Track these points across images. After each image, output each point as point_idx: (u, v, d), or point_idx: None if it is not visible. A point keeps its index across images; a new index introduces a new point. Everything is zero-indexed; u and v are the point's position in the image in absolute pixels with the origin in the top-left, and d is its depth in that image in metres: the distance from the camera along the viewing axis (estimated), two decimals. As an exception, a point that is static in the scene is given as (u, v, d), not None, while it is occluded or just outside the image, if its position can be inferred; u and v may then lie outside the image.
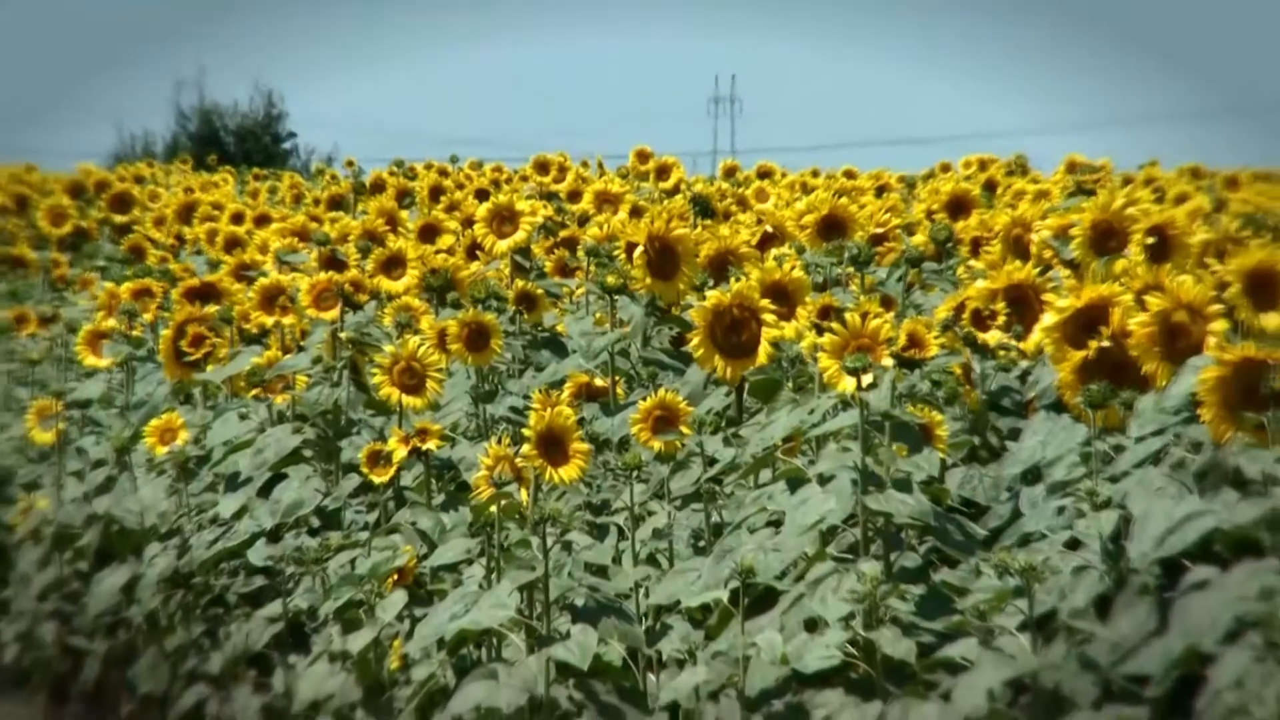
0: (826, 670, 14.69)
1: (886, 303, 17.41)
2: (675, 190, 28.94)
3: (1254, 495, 14.24)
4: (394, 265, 21.99)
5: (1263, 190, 31.49)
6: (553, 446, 15.79)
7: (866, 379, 15.15)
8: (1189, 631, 13.90)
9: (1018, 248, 18.19)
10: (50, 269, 28.52)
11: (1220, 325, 15.44)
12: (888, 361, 15.34)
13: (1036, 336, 16.00)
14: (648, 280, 19.35)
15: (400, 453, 17.99)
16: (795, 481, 15.68)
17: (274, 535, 19.02)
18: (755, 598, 15.19)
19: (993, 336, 16.48)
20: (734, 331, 16.69)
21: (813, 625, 14.66)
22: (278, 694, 18.06)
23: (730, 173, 33.52)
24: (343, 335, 20.20)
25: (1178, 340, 14.98)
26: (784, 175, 32.97)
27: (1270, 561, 13.90)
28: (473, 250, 23.24)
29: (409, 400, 18.37)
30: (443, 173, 32.50)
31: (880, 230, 22.61)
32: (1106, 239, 17.29)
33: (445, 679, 15.92)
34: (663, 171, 30.91)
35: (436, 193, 29.82)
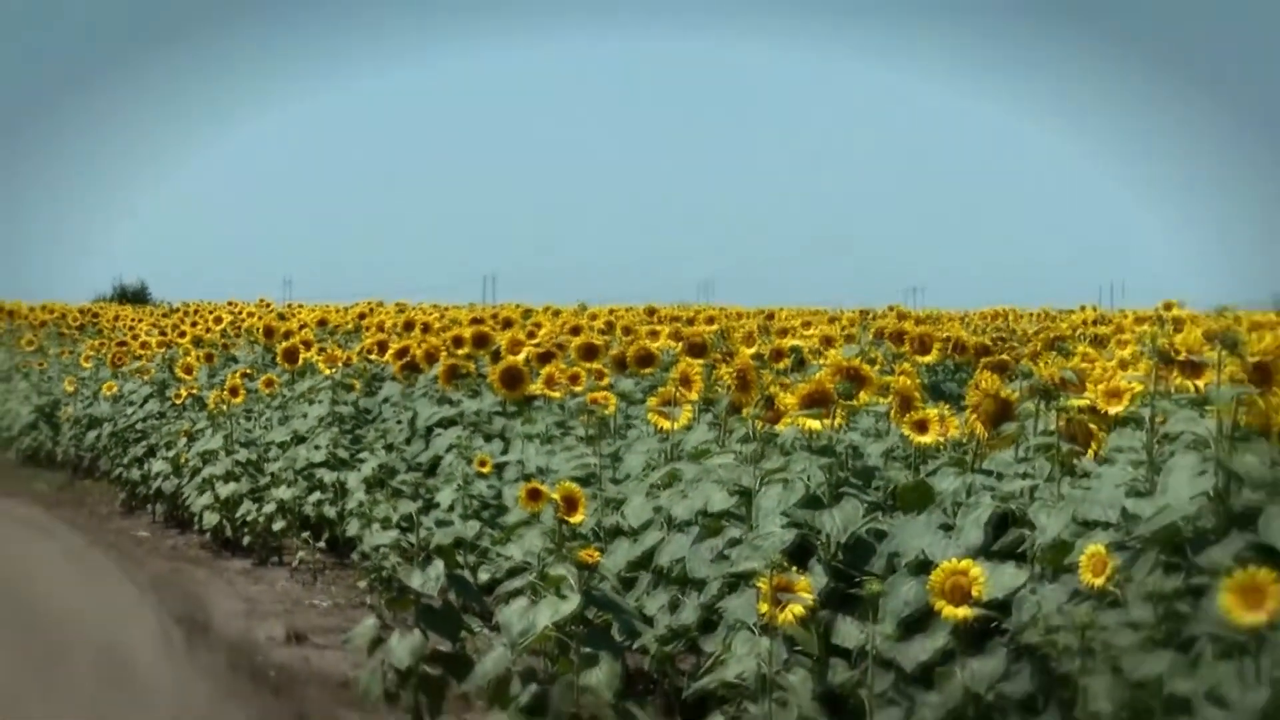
0: (318, 462, 14.06)
1: (341, 348, 16.88)
2: (268, 310, 28.24)
3: (458, 403, 13.58)
4: (182, 334, 21.34)
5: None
6: (233, 393, 15.28)
7: (335, 368, 14.86)
8: (436, 450, 12.93)
9: (408, 329, 17.85)
10: (76, 339, 27.46)
11: (445, 354, 14.55)
12: (338, 366, 14.99)
13: (388, 356, 15.48)
14: (265, 340, 18.94)
15: (184, 395, 17.33)
16: (310, 402, 15.16)
17: (145, 420, 18.34)
18: (298, 439, 14.68)
19: (375, 355, 15.85)
20: (291, 356, 16.12)
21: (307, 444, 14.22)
22: (146, 469, 17.32)
23: (279, 312, 31.90)
24: (166, 357, 19.60)
25: (433, 359, 14.39)
26: (305, 308, 31.22)
27: (465, 429, 12.91)
28: (208, 329, 22.53)
29: (187, 378, 17.71)
30: (196, 308, 31.03)
31: (338, 324, 22.37)
32: (408, 327, 16.96)
33: (199, 465, 15.29)
34: (268, 305, 29.94)
35: (195, 311, 28.54)
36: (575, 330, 15.20)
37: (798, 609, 6.12)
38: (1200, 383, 6.23)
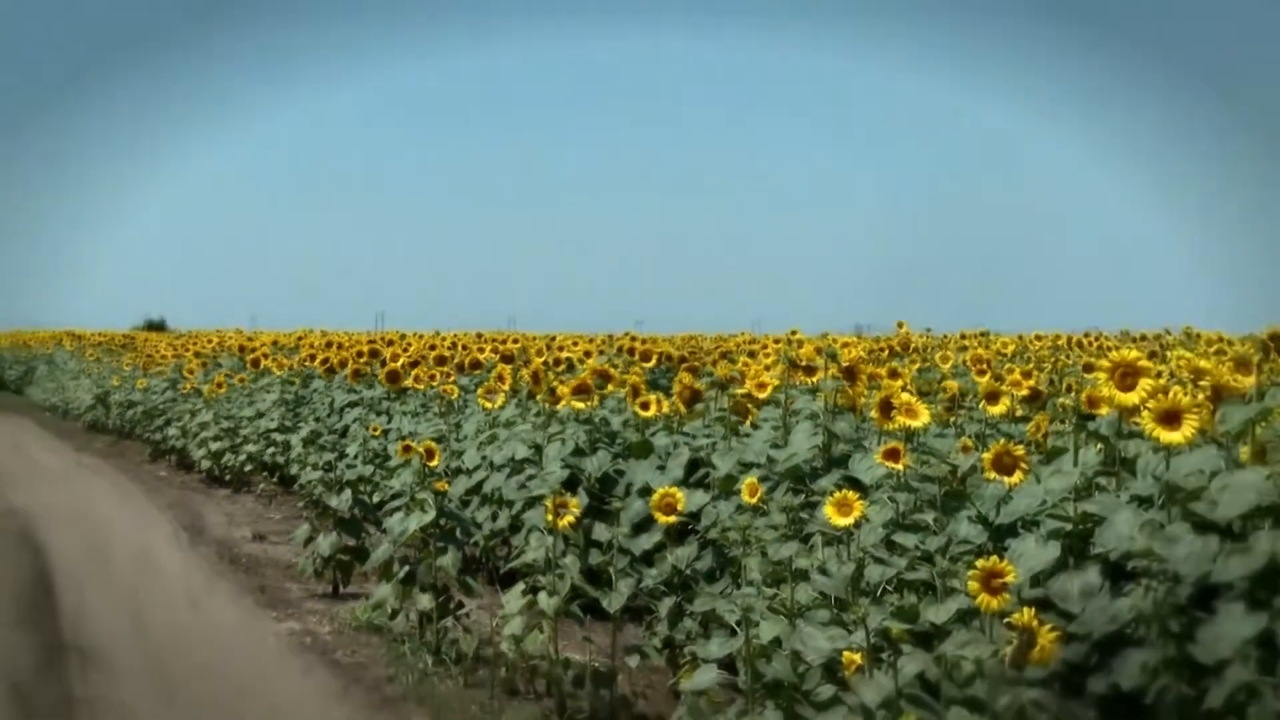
0: (272, 428, 13.47)
1: (287, 358, 15.99)
2: (241, 335, 26.76)
3: (360, 392, 12.95)
4: (187, 350, 20.42)
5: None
6: (219, 386, 14.61)
7: (283, 371, 14.15)
8: (346, 421, 12.27)
9: (329, 346, 16.86)
10: (119, 353, 25.96)
11: (352, 361, 13.91)
12: (285, 369, 14.34)
13: (316, 363, 14.72)
14: (239, 354, 17.93)
15: (189, 387, 16.54)
16: (268, 391, 14.38)
17: (163, 403, 17.54)
18: (260, 414, 13.96)
19: (308, 362, 15.06)
20: (256, 363, 15.36)
21: (265, 418, 13.54)
22: (164, 434, 16.64)
23: (248, 336, 29.61)
24: (177, 364, 18.69)
25: (344, 365, 13.72)
26: (264, 333, 29.10)
27: (364, 409, 12.24)
28: (203, 347, 21.49)
29: (190, 376, 16.90)
30: (196, 334, 29.41)
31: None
32: (329, 345, 16.04)
33: (198, 431, 14.68)
34: (241, 331, 28.46)
35: (195, 336, 27.25)
36: (433, 347, 15.02)
37: (569, 518, 6.04)
38: (813, 379, 6.28)
